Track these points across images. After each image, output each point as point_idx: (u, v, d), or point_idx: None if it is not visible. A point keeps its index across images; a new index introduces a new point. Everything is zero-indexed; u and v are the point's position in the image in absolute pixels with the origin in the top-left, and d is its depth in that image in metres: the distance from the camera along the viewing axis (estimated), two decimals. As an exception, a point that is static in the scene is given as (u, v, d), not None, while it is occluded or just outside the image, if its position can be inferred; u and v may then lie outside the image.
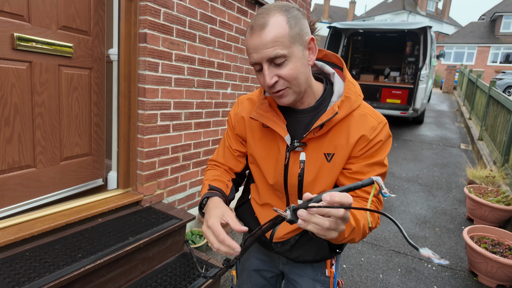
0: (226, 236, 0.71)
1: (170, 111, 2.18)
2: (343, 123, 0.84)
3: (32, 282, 1.28)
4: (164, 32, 2.02)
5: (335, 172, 0.86)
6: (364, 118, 0.84)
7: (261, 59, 0.75)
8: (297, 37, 0.76)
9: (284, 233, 0.96)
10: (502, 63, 23.44)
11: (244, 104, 1.00)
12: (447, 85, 14.19)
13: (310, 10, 4.03)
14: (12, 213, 1.67)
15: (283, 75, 0.76)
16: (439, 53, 9.08)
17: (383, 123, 0.85)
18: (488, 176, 3.53)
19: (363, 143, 0.83)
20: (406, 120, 7.84)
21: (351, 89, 0.85)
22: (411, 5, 31.53)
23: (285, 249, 0.97)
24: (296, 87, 0.79)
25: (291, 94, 0.80)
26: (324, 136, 0.85)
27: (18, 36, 1.58)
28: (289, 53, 0.75)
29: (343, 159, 0.85)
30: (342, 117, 0.83)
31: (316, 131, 0.83)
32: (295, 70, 0.76)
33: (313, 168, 0.87)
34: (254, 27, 0.75)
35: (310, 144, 0.87)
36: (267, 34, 0.73)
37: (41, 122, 1.76)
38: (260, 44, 0.74)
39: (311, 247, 0.96)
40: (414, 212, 3.39)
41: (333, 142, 0.85)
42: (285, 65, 0.76)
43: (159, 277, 1.77)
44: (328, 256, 0.96)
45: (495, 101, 5.20)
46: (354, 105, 0.84)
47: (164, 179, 2.24)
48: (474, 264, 2.32)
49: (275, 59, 0.75)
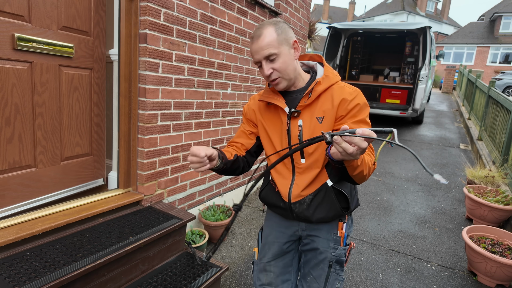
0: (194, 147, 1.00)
1: (171, 111, 2.19)
2: (327, 94, 1.14)
3: (32, 281, 1.29)
4: (164, 33, 2.03)
5: (327, 130, 1.12)
6: (342, 88, 1.15)
7: (259, 58, 1.11)
8: (284, 41, 1.10)
9: (299, 191, 1.20)
10: (501, 64, 23.45)
11: (255, 100, 1.33)
12: (447, 85, 14.20)
13: (309, 11, 4.03)
14: (12, 213, 1.67)
15: (275, 68, 1.10)
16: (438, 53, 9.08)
17: (357, 91, 1.15)
18: (488, 176, 3.53)
19: (345, 104, 1.11)
20: (405, 120, 7.85)
21: (329, 71, 1.19)
22: (410, 6, 31.56)
23: (302, 208, 1.21)
24: (286, 76, 1.13)
25: (283, 82, 1.14)
26: (314, 105, 1.15)
27: (18, 37, 1.58)
28: (278, 52, 1.09)
29: (331, 119, 1.13)
30: (324, 88, 1.14)
31: (306, 99, 1.14)
32: (284, 64, 1.10)
33: (309, 129, 1.15)
34: (254, 37, 1.11)
35: (304, 111, 1.16)
36: (261, 40, 1.09)
37: (41, 122, 1.76)
38: (258, 48, 1.09)
39: (324, 205, 1.20)
40: (413, 212, 3.40)
41: (322, 108, 1.14)
42: (276, 60, 1.10)
43: (160, 277, 1.77)
44: (340, 212, 1.21)
45: (495, 101, 5.21)
46: (332, 80, 1.15)
47: (164, 179, 2.25)
48: (474, 264, 2.32)
49: (269, 57, 1.09)
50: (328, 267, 1.25)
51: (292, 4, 3.55)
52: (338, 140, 0.81)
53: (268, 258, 1.35)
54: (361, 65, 8.34)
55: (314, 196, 1.20)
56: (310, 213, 1.21)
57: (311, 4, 4.34)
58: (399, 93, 6.84)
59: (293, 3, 3.57)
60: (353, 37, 7.80)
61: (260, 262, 1.38)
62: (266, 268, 1.36)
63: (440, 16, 33.95)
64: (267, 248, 1.37)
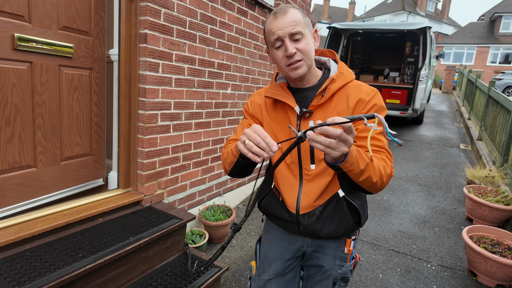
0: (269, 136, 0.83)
1: (171, 111, 2.19)
2: (342, 93, 1.04)
3: (32, 281, 1.29)
4: (164, 33, 2.03)
5: None
6: (359, 87, 1.05)
7: (284, 34, 0.97)
8: (307, 25, 1.02)
9: (309, 202, 1.08)
10: (501, 64, 23.44)
11: (261, 95, 1.20)
12: (447, 85, 14.20)
13: (310, 11, 4.04)
14: (12, 213, 1.67)
15: (300, 48, 0.98)
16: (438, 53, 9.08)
17: (375, 90, 1.05)
18: (488, 176, 3.53)
19: (362, 105, 1.02)
20: (405, 120, 7.84)
21: (343, 68, 1.08)
22: (410, 6, 31.55)
23: (311, 221, 1.09)
24: (309, 60, 1.01)
25: (304, 66, 1.01)
26: (327, 105, 1.04)
27: (18, 37, 1.58)
28: (304, 32, 0.99)
29: None
30: (339, 86, 1.03)
31: (319, 99, 1.03)
32: (308, 45, 1.00)
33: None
34: (278, 12, 0.99)
35: (316, 112, 1.05)
36: (289, 17, 0.98)
37: (41, 122, 1.76)
38: (283, 23, 0.97)
39: (334, 218, 1.09)
40: (413, 212, 3.40)
41: (336, 108, 1.03)
42: (301, 41, 0.98)
43: (159, 277, 1.77)
44: (352, 227, 1.11)
45: (495, 101, 5.21)
46: (347, 78, 1.05)
47: (164, 179, 2.25)
48: (474, 264, 2.32)
49: (295, 35, 0.97)
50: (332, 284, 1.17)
51: (291, 4, 3.55)
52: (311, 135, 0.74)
53: (269, 275, 1.23)
54: (361, 65, 8.34)
55: (324, 208, 1.08)
56: (319, 227, 1.10)
57: (311, 4, 4.33)
58: (399, 93, 6.84)
59: (293, 3, 3.57)
60: (353, 37, 7.80)
61: (259, 278, 1.26)
62: (266, 286, 1.24)
63: (440, 16, 33.95)
64: (267, 264, 1.24)
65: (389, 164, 0.97)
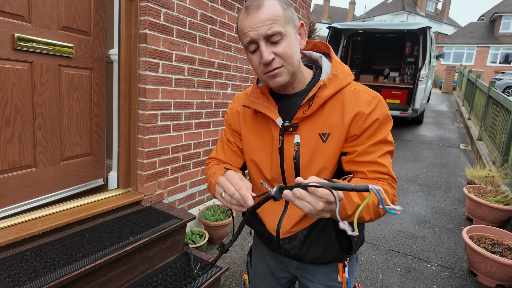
0: (243, 186, 0.73)
1: (171, 111, 2.19)
2: (335, 101, 0.84)
3: (32, 281, 1.29)
4: (164, 33, 2.03)
5: (332, 151, 0.84)
6: (356, 95, 0.84)
7: (258, 36, 0.78)
8: (290, 20, 0.80)
9: (291, 226, 0.92)
10: (501, 64, 23.45)
11: (240, 100, 1.02)
12: (447, 86, 14.20)
13: (309, 11, 4.03)
14: (12, 213, 1.67)
15: (279, 53, 0.78)
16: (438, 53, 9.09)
17: (377, 98, 0.84)
18: (487, 176, 3.53)
19: (360, 120, 0.82)
20: (405, 120, 7.85)
21: (338, 68, 0.87)
22: (410, 6, 31.55)
23: (293, 245, 0.93)
24: (291, 67, 0.81)
25: (285, 74, 0.82)
26: (317, 116, 0.85)
27: (18, 37, 1.58)
28: (284, 32, 0.78)
29: (340, 139, 0.83)
30: (331, 93, 0.83)
31: (306, 109, 0.84)
32: (290, 48, 0.79)
33: (308, 150, 0.86)
34: (250, 7, 0.78)
35: (303, 125, 0.86)
36: (264, 12, 0.77)
37: (41, 122, 1.76)
38: (257, 22, 0.77)
39: (320, 243, 0.92)
40: (413, 212, 3.40)
41: (328, 121, 0.84)
42: (280, 43, 0.78)
43: (160, 277, 1.77)
44: (338, 255, 0.93)
45: (495, 101, 5.21)
46: (342, 82, 0.84)
47: (164, 179, 2.25)
48: (474, 264, 2.32)
49: (272, 37, 0.77)
50: None
51: (291, 4, 3.55)
52: (289, 196, 0.61)
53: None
54: (361, 65, 8.34)
55: (309, 231, 0.91)
56: (303, 252, 0.94)
57: (311, 4, 4.34)
58: (399, 93, 6.84)
59: (293, 3, 3.57)
60: (353, 37, 7.81)
61: None
62: None
63: (440, 16, 33.95)
64: (258, 280, 1.14)
65: (391, 193, 0.80)
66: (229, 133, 1.03)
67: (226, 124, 1.05)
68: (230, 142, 1.02)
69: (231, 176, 0.77)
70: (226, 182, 0.76)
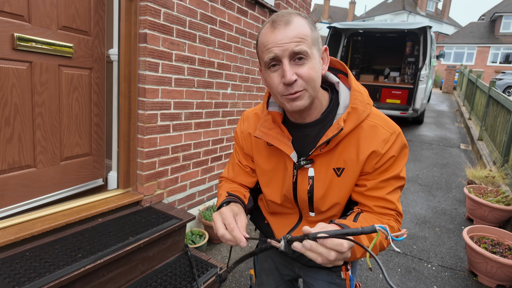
0: (236, 227, 0.72)
1: (170, 111, 2.18)
2: (352, 136, 0.81)
3: (32, 282, 1.28)
4: (164, 32, 2.02)
5: (347, 187, 0.85)
6: (374, 130, 0.81)
7: (282, 53, 0.73)
8: (316, 42, 0.77)
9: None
10: (502, 63, 23.43)
11: (250, 121, 0.98)
12: (447, 85, 14.19)
13: (310, 11, 4.03)
14: (12, 213, 1.67)
15: (303, 74, 0.74)
16: (439, 53, 9.08)
17: (395, 134, 0.82)
18: (488, 176, 3.53)
19: (375, 159, 0.80)
20: (406, 120, 7.84)
21: (358, 99, 0.81)
22: (411, 5, 31.53)
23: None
24: (312, 91, 0.77)
25: (306, 98, 0.77)
26: (333, 151, 0.83)
27: (18, 36, 1.58)
28: (310, 53, 0.74)
29: (354, 174, 0.83)
30: (349, 130, 0.80)
31: (323, 147, 0.81)
32: (314, 71, 0.75)
33: (323, 184, 0.85)
34: (277, 22, 0.73)
35: (318, 160, 0.84)
36: (292, 29, 0.72)
37: (41, 122, 1.76)
38: (283, 38, 0.72)
39: None
40: (414, 212, 3.40)
41: (343, 156, 0.82)
42: (305, 64, 0.74)
43: (159, 277, 1.77)
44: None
45: (495, 101, 5.21)
46: (362, 115, 0.80)
47: (164, 179, 2.24)
48: (474, 264, 2.32)
49: (297, 55, 0.73)
50: None
51: (292, 4, 3.54)
52: (299, 248, 0.61)
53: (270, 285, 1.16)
54: (362, 65, 8.34)
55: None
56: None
57: (311, 4, 4.34)
58: (400, 93, 6.84)
59: (293, 3, 3.57)
60: (353, 37, 7.81)
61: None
62: None
63: (440, 16, 33.93)
64: (265, 275, 1.16)
65: (396, 229, 0.81)
66: (242, 156, 1.01)
67: (237, 145, 1.02)
68: (242, 164, 1.01)
69: (225, 215, 0.76)
70: (218, 220, 0.75)
